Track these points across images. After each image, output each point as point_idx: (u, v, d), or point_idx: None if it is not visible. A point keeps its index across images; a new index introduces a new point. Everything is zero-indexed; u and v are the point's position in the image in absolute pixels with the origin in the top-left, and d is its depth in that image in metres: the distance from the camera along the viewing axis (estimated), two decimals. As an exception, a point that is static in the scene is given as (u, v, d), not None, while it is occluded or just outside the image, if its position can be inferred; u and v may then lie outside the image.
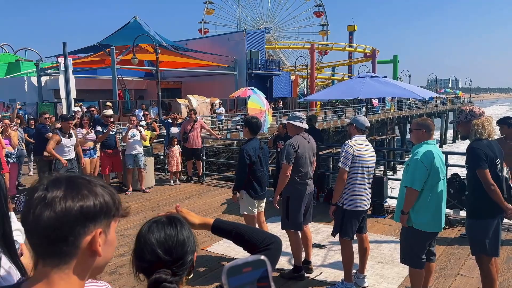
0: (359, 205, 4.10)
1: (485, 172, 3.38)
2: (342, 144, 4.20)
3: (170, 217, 1.17)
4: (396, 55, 56.94)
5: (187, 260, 1.10)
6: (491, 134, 3.56)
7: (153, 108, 19.68)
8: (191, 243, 1.12)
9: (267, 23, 61.57)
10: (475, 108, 3.71)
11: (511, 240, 5.53)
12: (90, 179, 0.92)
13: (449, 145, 41.23)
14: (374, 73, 12.89)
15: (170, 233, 1.11)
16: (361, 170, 4.06)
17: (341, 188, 4.07)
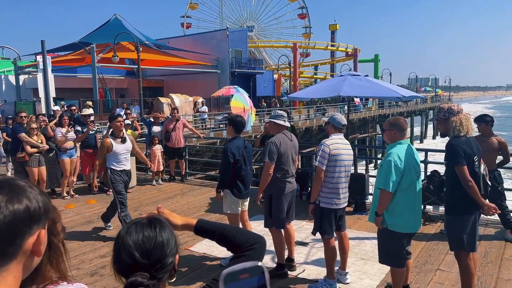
0: (336, 203, 4.12)
1: (463, 169, 3.44)
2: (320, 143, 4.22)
3: (150, 219, 1.14)
4: (377, 54, 57.71)
5: (167, 263, 1.07)
6: (469, 131, 3.62)
7: (134, 107, 19.43)
8: (171, 245, 1.09)
9: (250, 22, 61.52)
10: (454, 106, 3.77)
11: (489, 235, 5.66)
12: (27, 181, 0.94)
13: (429, 142, 41.97)
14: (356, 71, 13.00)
15: (149, 235, 1.08)
16: (338, 169, 4.08)
17: (319, 186, 4.09)
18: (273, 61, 57.01)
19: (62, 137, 7.92)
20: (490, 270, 4.58)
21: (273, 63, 56.53)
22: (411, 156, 3.55)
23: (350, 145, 4.34)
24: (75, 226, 6.36)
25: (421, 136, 43.78)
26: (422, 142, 42.48)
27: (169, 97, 22.86)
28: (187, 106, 23.21)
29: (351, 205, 6.90)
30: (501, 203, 5.34)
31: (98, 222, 6.63)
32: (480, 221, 5.46)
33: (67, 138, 8.00)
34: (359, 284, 4.30)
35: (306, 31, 60.21)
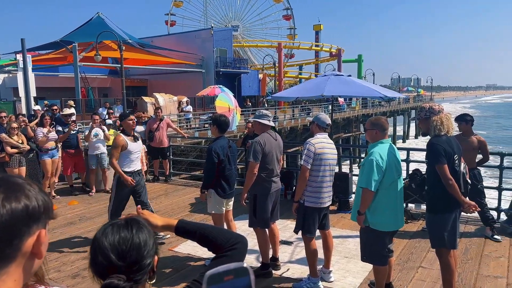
0: (320, 202, 4.14)
1: (443, 167, 3.49)
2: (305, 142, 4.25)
3: (127, 220, 1.12)
4: (361, 55, 58.25)
5: (145, 265, 1.05)
6: (449, 130, 3.68)
7: (117, 106, 19.21)
8: (149, 246, 1.08)
9: (235, 21, 61.39)
10: (435, 105, 3.83)
11: (469, 233, 5.78)
12: (25, 179, 0.90)
13: (412, 142, 42.62)
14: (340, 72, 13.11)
15: (125, 236, 1.06)
16: (323, 168, 4.10)
17: (303, 185, 4.11)
18: (258, 61, 57.03)
19: (43, 137, 7.78)
20: (470, 266, 4.68)
21: (258, 62, 56.55)
22: (392, 155, 3.60)
23: (334, 144, 4.37)
24: (57, 227, 6.25)
25: (403, 135, 44.44)
26: (404, 141, 43.13)
27: (153, 97, 22.66)
28: (172, 105, 23.04)
29: (335, 204, 6.95)
30: (481, 201, 5.45)
31: (80, 223, 6.54)
32: (461, 218, 5.57)
33: (49, 138, 7.85)
34: (343, 282, 4.34)
35: (291, 32, 60.38)
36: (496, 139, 39.96)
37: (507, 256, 4.95)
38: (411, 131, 46.05)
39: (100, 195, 8.39)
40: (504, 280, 4.32)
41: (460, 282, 4.26)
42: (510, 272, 4.51)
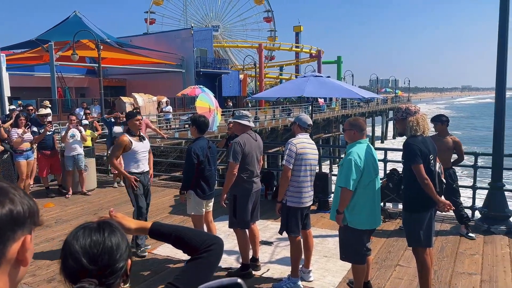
0: (302, 201, 4.17)
1: (419, 167, 3.57)
2: (287, 142, 4.27)
3: (100, 223, 1.10)
4: (340, 56, 59.00)
5: (118, 268, 1.03)
6: (425, 131, 3.76)
7: (95, 106, 18.87)
8: (121, 250, 1.05)
9: (216, 21, 61.19)
10: (411, 106, 3.90)
11: (445, 231, 5.91)
12: (10, 183, 0.87)
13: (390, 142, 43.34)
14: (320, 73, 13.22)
15: (97, 239, 1.03)
16: (304, 168, 4.14)
17: (286, 185, 4.13)
18: (239, 61, 57.01)
19: (18, 138, 7.57)
20: (446, 264, 4.78)
21: (239, 63, 56.52)
22: (370, 155, 3.67)
23: (315, 144, 4.42)
24: (31, 231, 6.09)
25: (382, 136, 45.15)
26: (383, 142, 43.81)
27: (132, 97, 22.37)
28: (151, 105, 22.81)
29: (315, 204, 7.00)
30: (456, 200, 5.58)
31: (56, 226, 6.40)
32: (436, 217, 5.68)
33: (24, 139, 7.65)
34: (322, 281, 4.37)
35: (271, 34, 60.59)
36: (471, 139, 41.02)
37: (481, 254, 5.08)
38: (389, 131, 46.82)
39: (77, 197, 8.23)
40: (478, 277, 4.43)
41: (436, 279, 4.34)
42: (484, 269, 4.63)
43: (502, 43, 5.76)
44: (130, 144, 5.12)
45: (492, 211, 5.91)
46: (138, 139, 5.27)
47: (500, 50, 5.78)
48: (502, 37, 5.75)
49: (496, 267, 4.66)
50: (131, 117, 5.40)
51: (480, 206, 6.26)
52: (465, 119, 73.64)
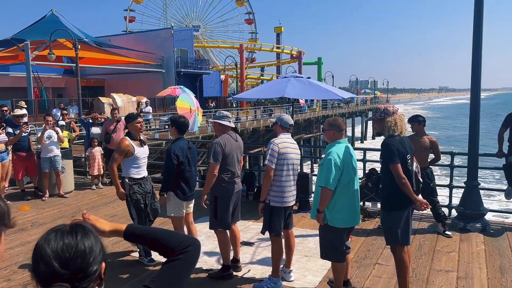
0: (285, 201, 4.19)
1: (397, 167, 3.63)
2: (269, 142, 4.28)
3: (72, 225, 1.07)
4: (320, 57, 59.55)
5: (91, 272, 1.01)
6: (403, 131, 3.82)
7: (72, 107, 18.51)
8: (95, 253, 1.04)
9: (196, 21, 60.83)
10: (389, 107, 3.96)
11: (423, 229, 6.02)
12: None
13: (370, 142, 43.95)
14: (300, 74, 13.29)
15: (69, 243, 1.01)
16: (287, 167, 4.16)
17: (268, 185, 4.14)
18: (220, 62, 56.84)
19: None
20: (424, 261, 4.87)
21: (220, 63, 56.34)
22: (349, 154, 3.73)
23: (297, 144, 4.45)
24: (7, 234, 5.91)
25: (361, 136, 45.78)
26: (362, 142, 44.42)
27: (111, 97, 22.04)
28: (130, 106, 22.49)
29: (296, 204, 7.02)
30: (433, 199, 5.70)
31: (32, 229, 6.25)
32: (414, 216, 5.79)
33: (-2, 140, 7.44)
34: (303, 281, 4.39)
35: (252, 36, 60.66)
36: (447, 139, 41.97)
37: (457, 251, 5.20)
38: (368, 132, 47.49)
39: (54, 200, 8.05)
40: (455, 274, 4.53)
41: (414, 277, 4.42)
42: (460, 266, 4.74)
43: (477, 45, 5.92)
44: (133, 150, 4.84)
45: (467, 209, 6.06)
46: (139, 144, 4.97)
47: (474, 53, 5.94)
48: (476, 40, 5.91)
49: (472, 264, 4.78)
50: (132, 119, 5.03)
51: (456, 205, 6.40)
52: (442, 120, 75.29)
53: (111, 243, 5.45)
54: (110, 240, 5.36)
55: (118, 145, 4.93)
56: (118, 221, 6.45)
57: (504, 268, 4.64)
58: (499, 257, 4.96)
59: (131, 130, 5.01)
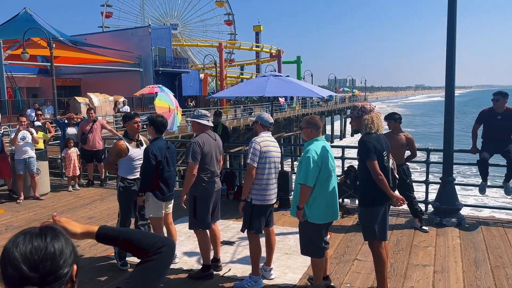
0: (266, 199, 4.20)
1: (373, 163, 3.68)
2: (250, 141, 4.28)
3: (42, 228, 1.04)
4: (299, 56, 59.93)
5: (62, 274, 0.99)
6: (379, 129, 3.88)
7: (48, 107, 18.08)
8: (65, 255, 1.01)
9: (174, 20, 60.26)
10: (366, 105, 4.01)
11: (400, 225, 6.13)
12: None
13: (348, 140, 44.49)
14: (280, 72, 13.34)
15: (38, 245, 0.98)
16: (268, 166, 4.18)
17: (250, 183, 4.14)
18: (199, 61, 56.46)
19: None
20: (402, 256, 4.96)
21: (199, 62, 55.98)
22: (326, 151, 3.77)
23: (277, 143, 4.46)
24: (-22, 239, 5.74)
25: (340, 134, 46.30)
26: (341, 139, 44.92)
27: (87, 97, 21.64)
28: (107, 106, 22.16)
29: (276, 202, 7.04)
30: (409, 195, 5.80)
31: (7, 233, 6.07)
32: (392, 212, 5.90)
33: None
34: (283, 278, 4.41)
35: (232, 38, 60.50)
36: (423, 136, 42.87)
37: (434, 246, 5.31)
38: (347, 130, 48.08)
39: (29, 202, 7.84)
40: (432, 268, 4.63)
41: (392, 272, 4.49)
42: (436, 260, 4.84)
43: (450, 44, 6.05)
44: (127, 150, 4.75)
45: (443, 204, 6.19)
46: (136, 145, 4.86)
47: (448, 51, 6.07)
48: (450, 39, 6.05)
49: (448, 258, 4.89)
50: (130, 119, 4.89)
51: (432, 200, 6.54)
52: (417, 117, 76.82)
53: (89, 245, 5.36)
54: (88, 242, 5.27)
55: (113, 147, 4.83)
56: (96, 223, 6.34)
57: (479, 261, 4.77)
58: (473, 251, 5.09)
59: (128, 130, 4.90)
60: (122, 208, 4.90)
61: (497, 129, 6.04)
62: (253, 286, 4.16)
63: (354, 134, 4.24)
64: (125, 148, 4.75)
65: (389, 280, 4.14)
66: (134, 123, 4.88)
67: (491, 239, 5.48)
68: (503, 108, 6.02)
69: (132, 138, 4.88)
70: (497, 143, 6.05)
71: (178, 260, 4.94)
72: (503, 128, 6.04)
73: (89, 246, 5.33)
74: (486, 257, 4.90)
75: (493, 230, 5.82)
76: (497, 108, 6.06)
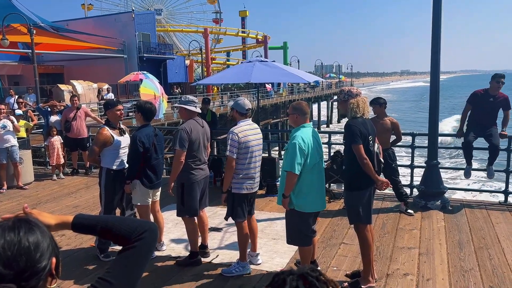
0: (248, 187, 4.17)
1: (359, 147, 3.69)
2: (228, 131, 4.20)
3: (15, 221, 0.98)
4: (286, 42, 59.58)
5: (39, 269, 0.93)
6: (365, 113, 3.88)
7: (30, 95, 17.67)
8: (42, 248, 0.95)
9: (158, 5, 59.09)
10: (353, 89, 4.02)
11: (386, 208, 6.20)
12: None
13: (335, 126, 44.72)
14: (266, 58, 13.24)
15: (11, 240, 0.92)
16: (250, 155, 4.12)
17: (231, 175, 4.09)
18: (184, 46, 55.67)
19: None
20: (387, 240, 5.03)
21: (184, 48, 55.20)
22: (314, 138, 3.73)
23: (264, 130, 4.40)
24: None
25: (327, 120, 46.46)
26: (328, 126, 45.09)
27: (70, 84, 21.23)
28: (91, 93, 21.80)
29: (263, 188, 7.06)
30: (395, 179, 5.87)
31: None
32: (378, 195, 5.96)
33: None
34: (270, 263, 4.44)
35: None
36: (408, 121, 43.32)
37: (419, 228, 5.40)
38: (334, 116, 48.28)
39: (13, 192, 7.71)
40: (417, 251, 4.71)
41: (378, 255, 4.56)
42: (421, 243, 4.92)
43: (436, 28, 6.06)
44: (112, 139, 4.60)
45: (428, 188, 6.28)
46: (119, 133, 4.71)
47: (433, 36, 6.08)
48: (435, 24, 6.05)
49: (433, 240, 4.98)
50: (112, 106, 4.71)
51: (417, 184, 6.62)
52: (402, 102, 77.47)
53: (74, 234, 5.30)
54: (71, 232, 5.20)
55: (97, 137, 4.64)
56: (82, 211, 6.26)
57: (462, 243, 4.87)
58: (458, 233, 5.19)
59: (110, 118, 4.73)
60: (106, 198, 4.74)
61: (486, 111, 6.05)
62: (241, 271, 4.18)
63: (341, 118, 4.22)
64: (110, 136, 4.59)
65: (375, 263, 4.20)
66: (117, 110, 4.71)
67: (475, 221, 5.59)
68: (496, 92, 6.04)
69: (114, 126, 4.73)
70: (482, 126, 6.09)
71: (166, 247, 4.93)
72: (493, 110, 6.06)
73: (74, 234, 5.27)
74: (470, 239, 5.00)
75: (477, 212, 5.94)
76: (492, 91, 6.04)
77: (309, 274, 0.96)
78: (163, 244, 4.95)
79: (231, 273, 4.18)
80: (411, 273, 4.18)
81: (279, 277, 0.98)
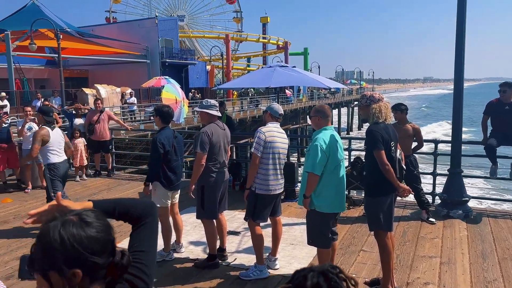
0: (271, 189, 4.19)
1: (381, 153, 3.65)
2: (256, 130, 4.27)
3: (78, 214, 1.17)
4: (307, 48, 59.44)
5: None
6: (387, 118, 3.85)
7: (55, 98, 18.16)
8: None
9: (180, 11, 59.97)
10: (375, 94, 3.98)
11: (407, 216, 6.10)
12: None
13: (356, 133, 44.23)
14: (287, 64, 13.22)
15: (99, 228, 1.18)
16: (273, 156, 4.16)
17: (254, 172, 4.15)
18: (206, 52, 56.24)
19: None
20: (408, 248, 4.94)
21: (205, 54, 55.77)
22: (335, 141, 3.74)
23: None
24: (-13, 227, 5.82)
25: (347, 127, 46.00)
26: (348, 133, 44.59)
27: (95, 88, 21.71)
28: (115, 97, 22.23)
29: (282, 193, 7.03)
30: (416, 186, 5.77)
31: (15, 222, 6.15)
32: (399, 203, 5.87)
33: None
34: (288, 268, 4.41)
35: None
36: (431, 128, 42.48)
37: (441, 237, 5.29)
38: (354, 122, 47.78)
39: (37, 192, 7.92)
40: (438, 259, 4.61)
41: (398, 263, 4.48)
42: (443, 252, 4.82)
43: (460, 36, 5.98)
44: (48, 137, 5.28)
45: (451, 196, 6.15)
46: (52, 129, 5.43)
47: (458, 43, 5.99)
48: (459, 31, 5.97)
49: (455, 250, 4.87)
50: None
51: (440, 192, 6.49)
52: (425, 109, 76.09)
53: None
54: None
55: (36, 134, 5.38)
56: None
57: (486, 253, 4.74)
58: (481, 243, 5.06)
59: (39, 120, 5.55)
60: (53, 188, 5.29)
61: (504, 119, 5.97)
62: (258, 275, 4.18)
63: (362, 123, 4.20)
64: (46, 133, 5.26)
65: (395, 271, 4.14)
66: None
67: (499, 231, 5.44)
68: (510, 99, 5.94)
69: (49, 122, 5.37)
70: (505, 135, 6.00)
71: (184, 249, 4.97)
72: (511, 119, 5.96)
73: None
74: (494, 249, 4.87)
75: (501, 222, 5.78)
76: (504, 99, 5.98)
77: (329, 271, 0.98)
78: (182, 246, 4.99)
79: (248, 277, 4.18)
80: (432, 282, 4.09)
81: (300, 274, 0.99)
